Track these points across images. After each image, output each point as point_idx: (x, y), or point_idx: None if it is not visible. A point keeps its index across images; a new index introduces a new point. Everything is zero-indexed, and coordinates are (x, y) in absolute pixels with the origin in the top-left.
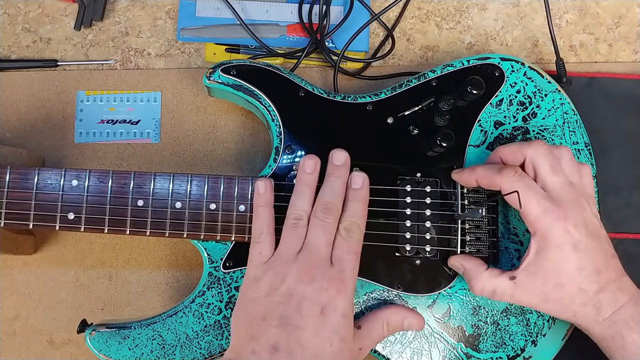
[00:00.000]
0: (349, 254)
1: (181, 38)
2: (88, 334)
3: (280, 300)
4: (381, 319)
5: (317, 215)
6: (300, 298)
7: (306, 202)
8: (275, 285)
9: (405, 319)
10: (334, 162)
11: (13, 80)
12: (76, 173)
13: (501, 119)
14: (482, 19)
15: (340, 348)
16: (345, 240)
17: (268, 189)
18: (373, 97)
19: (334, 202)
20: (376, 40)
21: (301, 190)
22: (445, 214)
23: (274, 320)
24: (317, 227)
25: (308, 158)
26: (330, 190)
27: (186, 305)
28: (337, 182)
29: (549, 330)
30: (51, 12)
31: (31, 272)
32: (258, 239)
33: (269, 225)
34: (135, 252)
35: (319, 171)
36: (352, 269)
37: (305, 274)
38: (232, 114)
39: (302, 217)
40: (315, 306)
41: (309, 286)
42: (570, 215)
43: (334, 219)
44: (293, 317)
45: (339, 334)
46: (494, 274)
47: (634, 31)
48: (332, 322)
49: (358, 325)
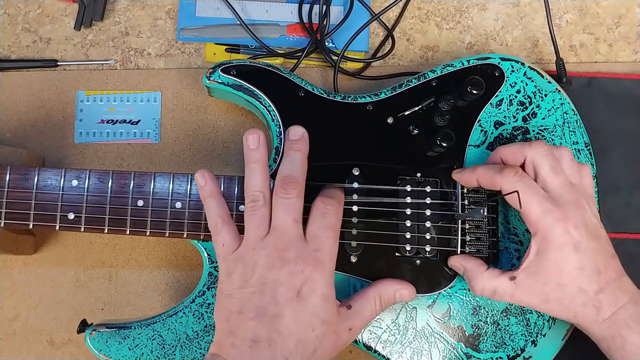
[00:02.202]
0: (326, 230)
1: (181, 38)
2: (88, 334)
3: (254, 291)
4: (372, 295)
5: (278, 192)
6: (273, 285)
7: (258, 180)
8: (247, 276)
9: (397, 291)
10: (290, 137)
11: (13, 80)
12: (76, 173)
13: (501, 119)
14: (482, 19)
15: (324, 331)
16: (322, 215)
17: (208, 180)
18: (373, 97)
19: (294, 174)
20: (376, 40)
21: (250, 169)
22: (445, 214)
23: (250, 312)
24: (279, 205)
25: (249, 132)
26: (289, 164)
27: (186, 305)
28: (295, 155)
29: (549, 330)
30: (51, 12)
31: (31, 272)
32: (215, 231)
33: (221, 215)
34: (135, 252)
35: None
36: (330, 246)
37: (276, 258)
38: (232, 114)
39: (257, 197)
40: (290, 291)
41: (281, 270)
42: (571, 215)
43: (296, 192)
44: (268, 306)
45: (320, 316)
46: (494, 274)
47: (634, 31)
48: (312, 305)
49: (348, 305)
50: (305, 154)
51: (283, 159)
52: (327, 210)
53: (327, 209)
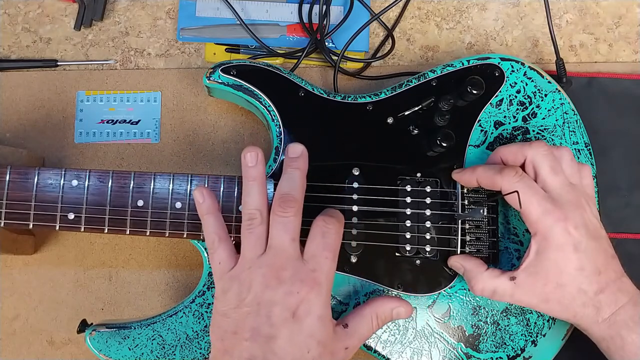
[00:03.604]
0: (324, 251)
1: (181, 38)
2: (88, 334)
3: (249, 311)
4: (369, 313)
5: (276, 211)
6: (268, 305)
7: (256, 198)
8: (242, 296)
9: (394, 308)
10: (289, 155)
11: (13, 80)
12: (76, 173)
13: (501, 119)
14: (482, 19)
15: (320, 352)
16: (322, 234)
17: (206, 196)
18: (373, 97)
19: (292, 193)
20: (376, 40)
21: (248, 187)
22: (445, 214)
23: (245, 332)
24: (277, 223)
25: (248, 150)
26: (287, 181)
27: (186, 305)
28: (294, 173)
29: (549, 330)
30: (51, 12)
31: (31, 272)
32: (212, 249)
33: (219, 233)
34: (135, 252)
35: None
36: (328, 267)
37: (272, 277)
38: (232, 114)
39: (254, 215)
40: (285, 311)
41: (277, 290)
42: (571, 216)
43: (294, 211)
44: (263, 326)
45: (316, 337)
46: (494, 274)
47: (634, 31)
48: (307, 326)
49: (345, 324)
50: (304, 172)
51: (282, 176)
52: (327, 229)
53: (328, 228)
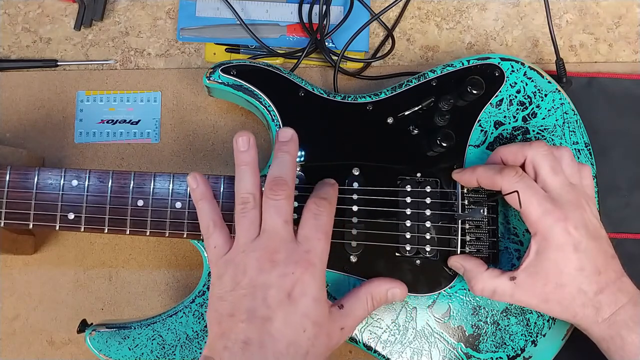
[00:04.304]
0: (317, 232)
1: (181, 38)
2: (88, 334)
3: (245, 293)
4: (364, 294)
5: (267, 194)
6: (264, 287)
7: (249, 182)
8: (238, 279)
9: (389, 289)
10: (280, 139)
11: (13, 80)
12: (76, 173)
13: (501, 119)
14: (482, 19)
15: (315, 333)
16: (314, 217)
17: (200, 182)
18: (373, 97)
19: (283, 176)
20: (376, 40)
21: (240, 171)
22: (445, 214)
23: (241, 315)
24: (269, 207)
25: (239, 135)
26: (278, 165)
27: (186, 305)
28: (285, 157)
29: (549, 330)
30: (51, 12)
31: (31, 272)
32: (207, 234)
33: (214, 218)
34: (135, 252)
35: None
36: (321, 248)
37: (266, 260)
38: (232, 114)
39: (247, 199)
40: (280, 293)
41: (272, 273)
42: (571, 216)
43: (286, 194)
44: (259, 308)
45: (312, 318)
46: (494, 274)
47: (634, 31)
48: (303, 307)
49: (340, 305)
50: (294, 156)
51: (273, 160)
52: (319, 212)
53: (319, 211)
